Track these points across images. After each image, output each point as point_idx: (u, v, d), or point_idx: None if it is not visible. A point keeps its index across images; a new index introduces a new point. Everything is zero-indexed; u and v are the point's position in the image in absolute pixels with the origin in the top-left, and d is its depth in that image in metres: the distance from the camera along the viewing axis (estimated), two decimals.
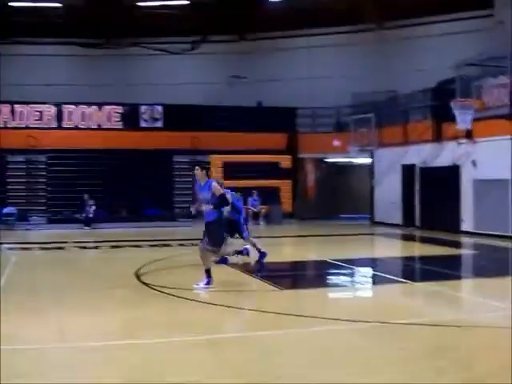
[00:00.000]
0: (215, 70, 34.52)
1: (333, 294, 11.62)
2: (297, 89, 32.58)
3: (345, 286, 12.74)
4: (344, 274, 14.08)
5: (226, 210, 13.89)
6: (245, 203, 30.20)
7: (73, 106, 31.06)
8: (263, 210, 29.94)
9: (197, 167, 11.23)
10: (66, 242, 20.54)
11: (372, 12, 31.21)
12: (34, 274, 13.16)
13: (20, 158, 30.24)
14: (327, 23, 32.92)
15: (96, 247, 20.73)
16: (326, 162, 33.32)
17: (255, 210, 29.59)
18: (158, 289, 10.97)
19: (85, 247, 20.52)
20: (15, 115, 30.42)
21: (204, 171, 11.17)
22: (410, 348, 7.18)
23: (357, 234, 23.73)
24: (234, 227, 14.32)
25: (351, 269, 14.57)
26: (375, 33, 33.34)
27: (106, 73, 33.19)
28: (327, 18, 31.98)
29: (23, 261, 16.01)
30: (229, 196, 13.81)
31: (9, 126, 30.21)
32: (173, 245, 19.82)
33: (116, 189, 29.53)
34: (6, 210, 28.27)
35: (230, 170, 30.53)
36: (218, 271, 12.13)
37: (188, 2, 32.68)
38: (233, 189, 14.65)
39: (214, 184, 11.13)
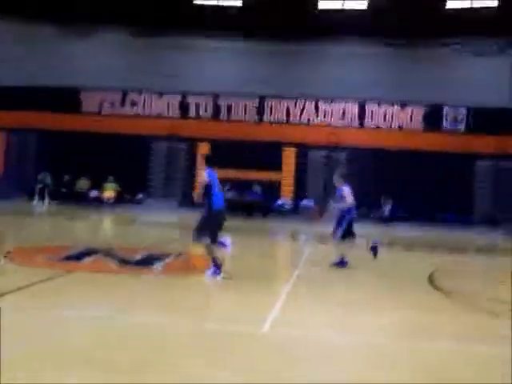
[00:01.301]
0: None
1: None
2: None
3: None
4: None
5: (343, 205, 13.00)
6: None
7: (376, 105, 31.35)
8: None
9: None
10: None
11: None
12: (322, 268, 13.29)
13: (321, 154, 31.26)
14: None
15: (391, 247, 20.50)
16: None
17: None
18: (451, 295, 10.47)
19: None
20: (319, 112, 31.49)
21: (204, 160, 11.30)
22: None
23: None
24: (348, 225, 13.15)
25: None
26: None
27: (409, 72, 32.74)
28: None
29: (316, 252, 16.34)
30: (345, 192, 12.94)
31: (311, 122, 31.42)
32: (469, 251, 19.05)
33: (414, 189, 29.15)
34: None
35: None
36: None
37: (495, 5, 31.17)
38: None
39: (202, 172, 11.07)
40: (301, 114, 31.72)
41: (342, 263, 13.01)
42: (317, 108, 31.58)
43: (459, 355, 6.93)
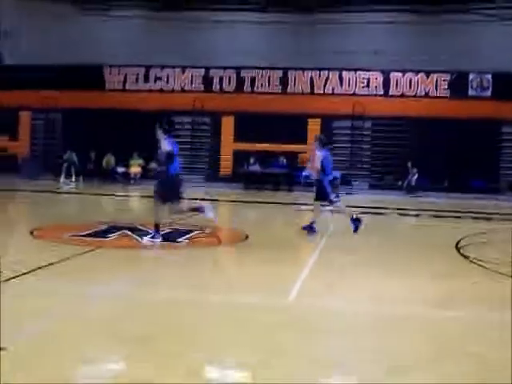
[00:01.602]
0: None
1: None
2: None
3: None
4: None
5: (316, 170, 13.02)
6: None
7: (400, 74, 30.98)
8: None
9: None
10: (386, 208, 20.61)
11: None
12: (348, 237, 13.27)
13: (346, 124, 31.03)
14: None
15: (416, 215, 20.43)
16: None
17: None
18: (478, 262, 10.38)
19: (405, 214, 20.34)
20: (343, 82, 31.21)
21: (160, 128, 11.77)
22: None
23: None
24: (318, 188, 13.23)
25: None
26: None
27: (434, 39, 32.19)
28: None
29: (342, 223, 16.27)
30: (316, 156, 12.97)
31: (336, 92, 31.13)
32: (495, 218, 18.91)
33: (439, 158, 28.88)
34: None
35: None
36: None
37: None
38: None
39: (163, 140, 11.58)
40: (325, 84, 31.45)
41: (354, 222, 13.07)
42: (341, 78, 31.28)
43: (484, 324, 6.90)
